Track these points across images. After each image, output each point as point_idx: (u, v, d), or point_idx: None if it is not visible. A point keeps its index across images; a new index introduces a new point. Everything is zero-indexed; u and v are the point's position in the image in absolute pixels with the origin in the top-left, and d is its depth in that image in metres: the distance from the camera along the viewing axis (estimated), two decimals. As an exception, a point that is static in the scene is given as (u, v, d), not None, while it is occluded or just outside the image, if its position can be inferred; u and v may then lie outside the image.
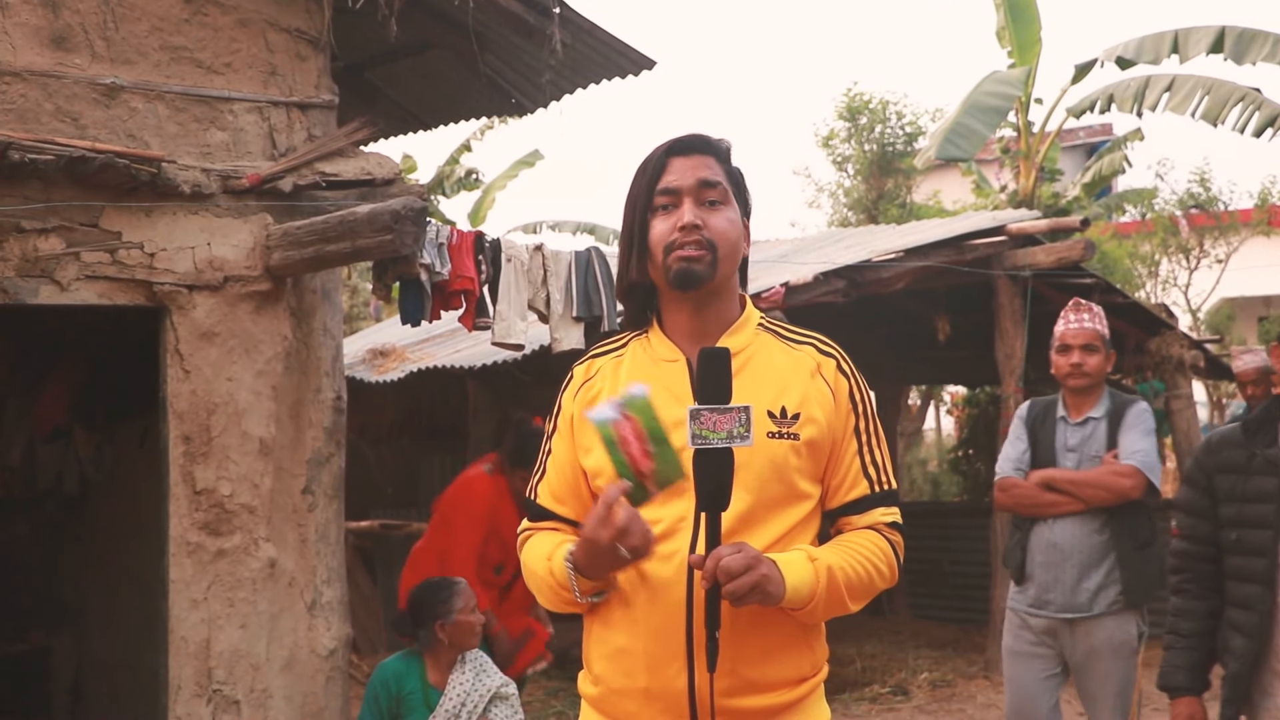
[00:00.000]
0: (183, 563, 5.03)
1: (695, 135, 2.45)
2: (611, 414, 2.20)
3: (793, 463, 2.33)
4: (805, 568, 2.27)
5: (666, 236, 2.36)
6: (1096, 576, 4.63)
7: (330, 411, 5.45)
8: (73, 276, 4.86)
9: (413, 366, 9.65)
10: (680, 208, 2.37)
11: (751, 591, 2.17)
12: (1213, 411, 16.50)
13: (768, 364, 2.40)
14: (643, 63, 6.34)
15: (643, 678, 2.31)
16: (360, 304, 18.87)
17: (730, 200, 2.42)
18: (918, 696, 8.08)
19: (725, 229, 2.38)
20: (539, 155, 20.87)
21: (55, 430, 7.27)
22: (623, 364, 2.46)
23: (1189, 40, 12.01)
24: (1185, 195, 17.81)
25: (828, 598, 2.30)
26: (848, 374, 2.44)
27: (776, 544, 2.30)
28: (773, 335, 2.46)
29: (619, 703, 2.36)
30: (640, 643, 2.31)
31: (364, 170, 5.41)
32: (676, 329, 2.43)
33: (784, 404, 2.34)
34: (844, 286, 7.86)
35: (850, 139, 18.12)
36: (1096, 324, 4.84)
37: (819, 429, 2.36)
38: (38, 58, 4.87)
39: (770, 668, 2.31)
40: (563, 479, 2.48)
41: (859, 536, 2.40)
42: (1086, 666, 4.67)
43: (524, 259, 6.25)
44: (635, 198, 2.43)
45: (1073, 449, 4.76)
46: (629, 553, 2.19)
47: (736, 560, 2.16)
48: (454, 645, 4.97)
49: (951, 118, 12.45)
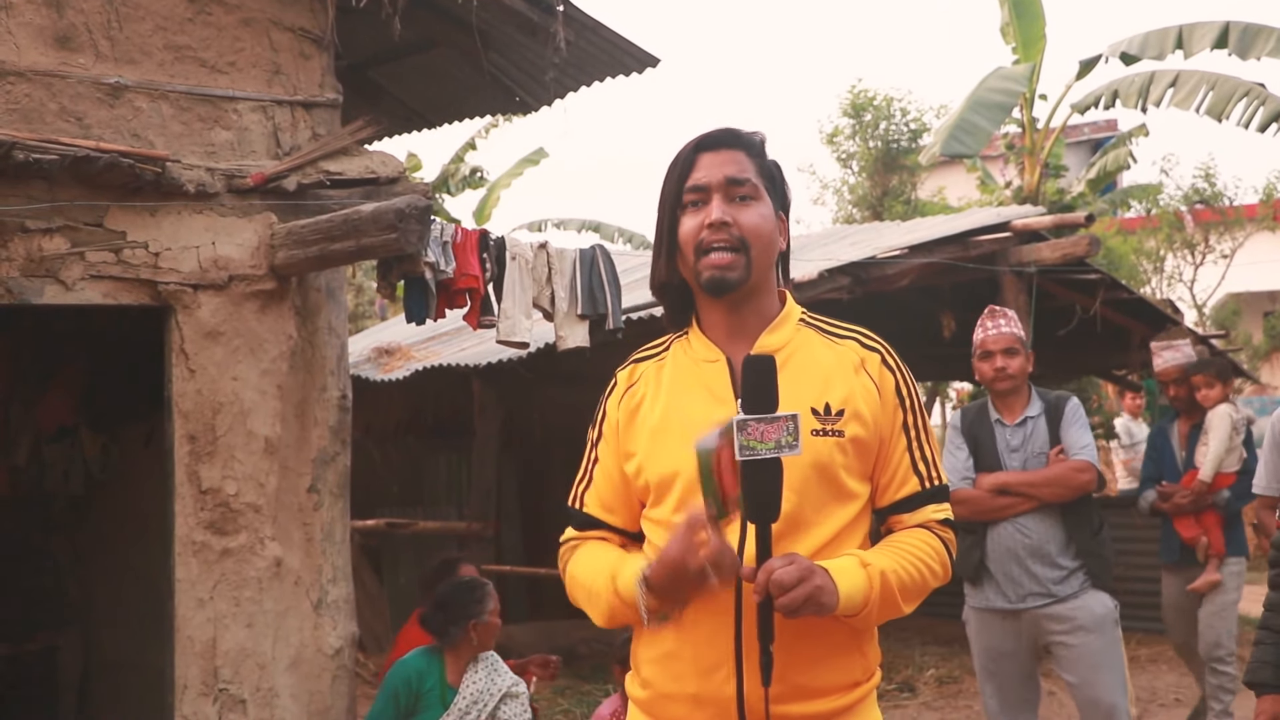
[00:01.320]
0: (189, 562, 5.03)
1: (725, 130, 2.40)
2: (715, 443, 2.14)
3: (839, 461, 2.28)
4: (858, 574, 2.22)
5: (695, 235, 2.31)
6: (1063, 566, 4.78)
7: (336, 410, 5.44)
8: (77, 276, 4.86)
9: (418, 365, 9.65)
10: (709, 205, 2.32)
11: (805, 604, 2.12)
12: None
13: (810, 360, 2.35)
14: (647, 60, 6.33)
15: (691, 683, 2.27)
16: (365, 303, 18.89)
17: (762, 195, 2.35)
18: (924, 693, 8.08)
19: (756, 224, 2.32)
20: (543, 153, 20.87)
21: (61, 430, 7.28)
22: (665, 367, 2.42)
23: (1193, 35, 12.00)
24: (1190, 191, 17.77)
25: (881, 602, 2.25)
26: (893, 368, 2.39)
27: (827, 545, 2.26)
28: (815, 330, 2.41)
29: (667, 707, 2.32)
30: (689, 648, 2.27)
31: (368, 169, 5.41)
32: (715, 328, 2.39)
33: (828, 401, 2.29)
34: (849, 283, 7.86)
35: (855, 136, 18.09)
36: (1014, 328, 4.98)
37: (865, 426, 2.30)
38: (42, 57, 4.87)
39: (822, 674, 2.28)
40: (612, 487, 2.43)
41: (911, 536, 2.35)
42: (1072, 646, 4.75)
43: (529, 257, 6.24)
44: (665, 195, 2.39)
45: (1015, 449, 4.91)
46: (718, 577, 2.13)
47: (789, 573, 2.11)
48: (481, 645, 5.00)
49: (956, 114, 12.45)
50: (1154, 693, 7.97)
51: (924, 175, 18.16)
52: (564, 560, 2.48)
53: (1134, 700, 4.96)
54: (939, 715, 7.61)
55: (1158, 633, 9.49)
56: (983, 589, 4.87)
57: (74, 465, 7.26)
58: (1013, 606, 4.80)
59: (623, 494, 2.42)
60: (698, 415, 2.27)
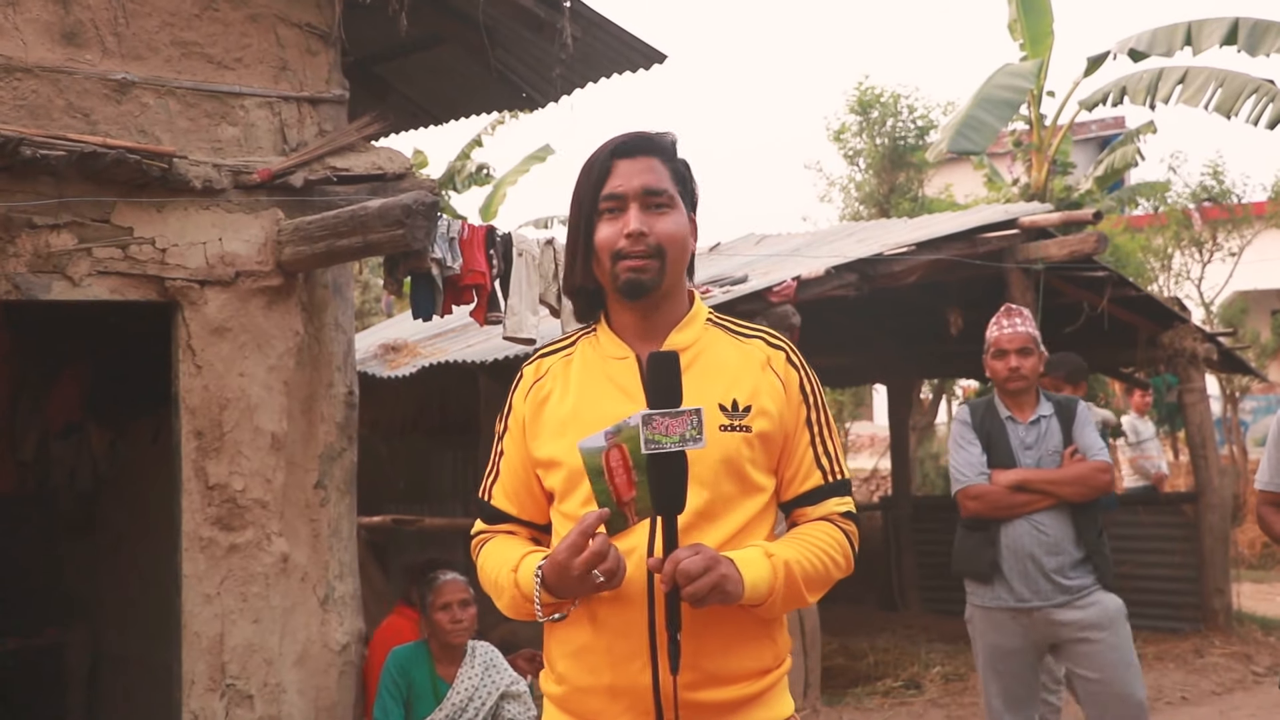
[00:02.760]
0: (196, 558, 5.04)
1: (638, 135, 2.44)
2: (603, 444, 2.23)
3: (746, 455, 2.34)
4: (763, 564, 2.28)
5: (613, 243, 2.35)
6: (1073, 564, 4.80)
7: (342, 406, 5.45)
8: (85, 272, 4.87)
9: (425, 361, 9.64)
10: (626, 213, 2.36)
11: (711, 592, 2.17)
12: (1225, 404, 16.43)
13: (718, 358, 2.40)
14: (653, 56, 6.33)
15: (607, 675, 2.31)
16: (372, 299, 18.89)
17: (676, 203, 2.40)
18: (930, 690, 8.07)
19: (673, 233, 2.37)
20: (550, 150, 20.86)
21: (69, 426, 7.29)
22: (573, 363, 2.47)
23: (1202, 32, 11.96)
24: (1198, 188, 17.71)
25: (786, 592, 2.31)
26: (797, 366, 2.45)
27: (734, 538, 2.31)
28: (722, 330, 2.47)
29: (584, 700, 2.36)
30: (603, 640, 2.31)
31: (375, 165, 5.41)
32: (625, 328, 2.43)
33: (735, 397, 2.35)
34: (856, 280, 7.85)
35: (862, 133, 18.06)
36: (1029, 327, 4.99)
37: (771, 421, 2.37)
38: (49, 54, 4.88)
39: (732, 661, 2.32)
40: (516, 479, 2.48)
41: (814, 528, 2.41)
42: (1087, 643, 4.75)
43: (535, 253, 6.24)
44: (580, 201, 2.42)
45: (1030, 447, 4.92)
46: (604, 579, 2.19)
47: (695, 563, 2.16)
48: (435, 638, 4.99)
49: (963, 111, 12.42)
50: (1160, 690, 7.96)
51: (931, 172, 18.12)
52: (474, 553, 2.53)
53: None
54: (945, 712, 7.60)
55: (1166, 630, 9.50)
56: (993, 587, 4.87)
57: (81, 461, 7.27)
58: (1025, 605, 4.80)
59: (528, 487, 2.47)
60: (607, 410, 2.31)
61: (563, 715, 2.41)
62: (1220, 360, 10.51)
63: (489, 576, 2.44)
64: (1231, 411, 16.62)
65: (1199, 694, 8.04)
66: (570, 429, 2.37)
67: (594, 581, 2.19)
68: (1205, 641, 9.23)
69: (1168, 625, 9.65)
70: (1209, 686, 8.20)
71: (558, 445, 2.38)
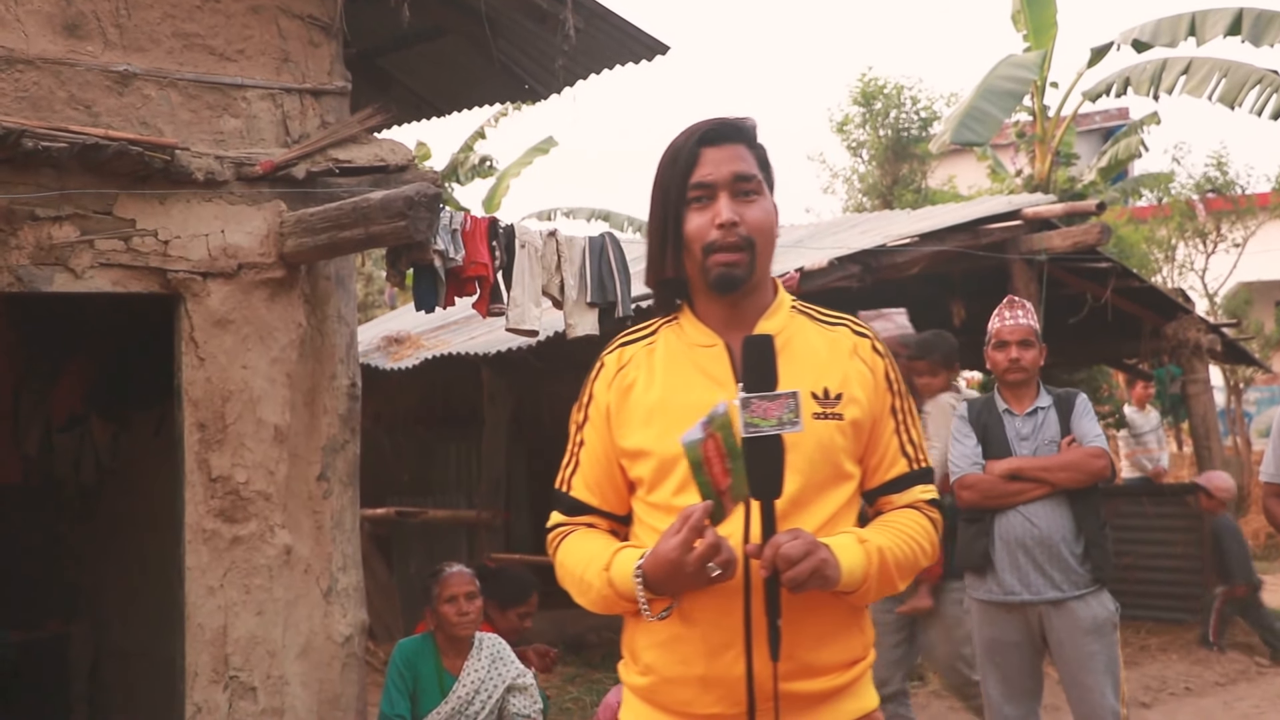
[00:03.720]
0: (199, 550, 5.04)
1: (725, 122, 2.40)
2: (700, 435, 2.17)
3: (839, 443, 2.32)
4: (857, 550, 2.27)
5: (704, 233, 2.33)
6: (1068, 559, 4.77)
7: (345, 399, 5.45)
8: (87, 264, 4.86)
9: (427, 353, 9.66)
10: (716, 202, 2.33)
11: (811, 577, 2.15)
12: (1229, 396, 16.42)
13: (806, 346, 2.38)
14: (656, 48, 6.32)
15: (699, 665, 2.28)
16: (375, 291, 18.89)
17: (764, 190, 2.38)
18: (934, 682, 8.07)
19: (762, 221, 2.35)
20: (553, 142, 20.85)
21: (71, 419, 7.29)
22: (655, 350, 2.43)
23: (1206, 22, 11.94)
24: (1202, 179, 17.70)
25: (879, 578, 2.30)
26: (882, 353, 2.44)
27: (825, 525, 2.29)
28: (807, 318, 2.44)
29: (672, 691, 2.32)
30: (697, 630, 2.27)
31: (377, 157, 5.40)
32: (711, 316, 2.41)
33: (826, 385, 2.33)
34: (859, 271, 7.85)
35: (865, 124, 18.06)
36: (1031, 320, 4.99)
37: (861, 408, 2.35)
38: (50, 45, 4.87)
39: (825, 651, 2.31)
40: (598, 469, 2.44)
41: (901, 516, 2.40)
42: (1070, 647, 4.77)
43: (538, 245, 6.24)
44: (667, 190, 2.38)
45: (1026, 438, 4.91)
46: (720, 571, 2.15)
47: (795, 547, 2.15)
48: (441, 632, 4.99)
49: (967, 102, 12.40)
50: (1164, 681, 7.96)
51: (934, 163, 18.13)
52: (553, 547, 2.48)
53: (1126, 701, 4.96)
54: (947, 704, 7.60)
55: (1170, 621, 9.49)
56: (986, 580, 4.87)
57: (84, 454, 7.28)
58: (1018, 599, 4.79)
59: (610, 477, 2.43)
60: (695, 399, 2.28)
61: (647, 707, 2.37)
62: (1224, 351, 10.51)
63: (573, 573, 2.39)
64: (1235, 403, 16.61)
65: (1203, 685, 8.04)
66: (658, 418, 2.34)
67: (709, 576, 2.15)
68: (1209, 632, 9.22)
69: (1171, 616, 9.65)
70: (1213, 677, 8.21)
71: (645, 434, 2.35)
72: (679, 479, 2.28)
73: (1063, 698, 5.04)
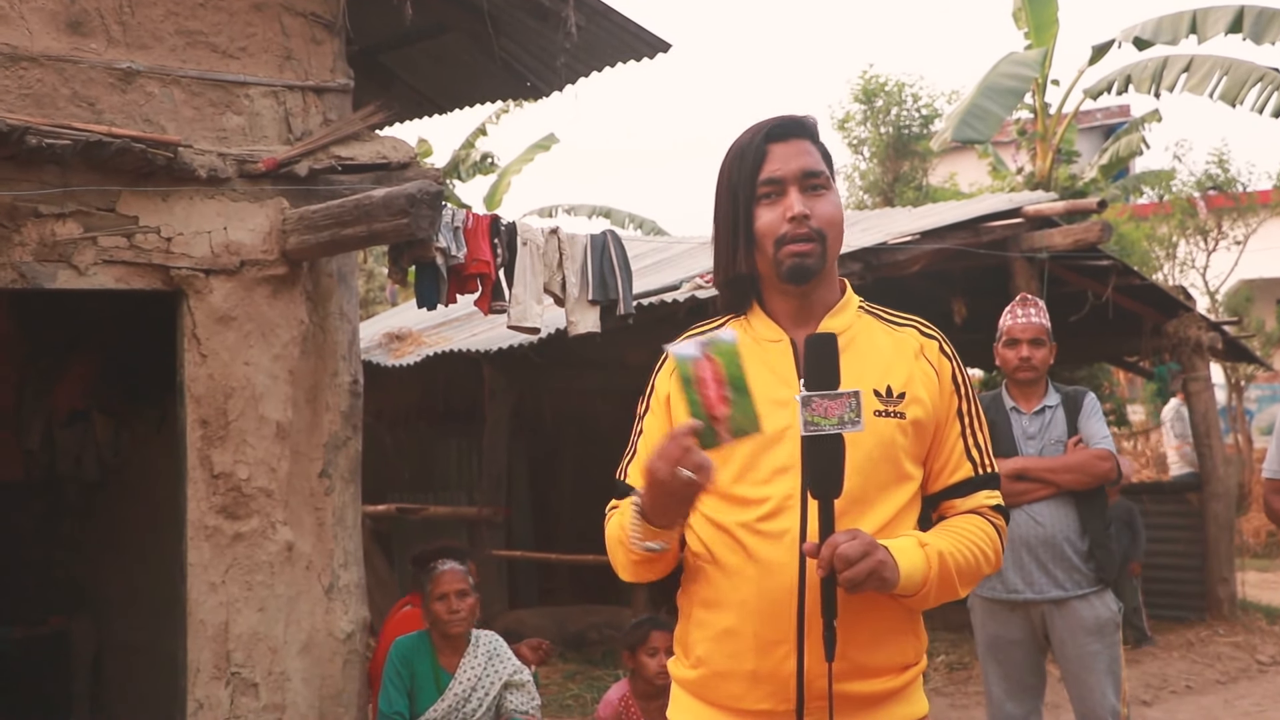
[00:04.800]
0: (201, 546, 5.05)
1: (790, 119, 2.42)
2: (694, 352, 2.15)
3: (900, 442, 2.31)
4: (917, 553, 2.25)
5: (776, 228, 2.34)
6: (1073, 558, 4.75)
7: (347, 395, 5.46)
8: (90, 261, 4.87)
9: (429, 350, 9.66)
10: (786, 197, 2.34)
11: (868, 578, 2.14)
12: (1230, 394, 16.41)
13: (871, 345, 2.38)
14: (658, 45, 6.32)
15: (750, 660, 2.28)
16: (376, 288, 18.90)
17: (831, 184, 2.40)
18: (934, 679, 8.08)
19: (833, 215, 2.37)
20: (554, 139, 20.85)
21: (74, 415, 7.31)
22: None
23: (1207, 20, 11.93)
24: (1203, 176, 17.68)
25: (939, 583, 2.28)
26: (950, 356, 2.43)
27: (886, 526, 2.28)
28: (874, 317, 2.45)
29: (722, 685, 2.32)
30: (750, 624, 2.27)
31: (379, 154, 5.41)
32: (779, 313, 2.41)
33: (889, 383, 2.33)
34: (859, 269, 7.84)
35: (866, 122, 18.04)
36: (1042, 318, 4.96)
37: (924, 409, 2.34)
38: (54, 43, 4.88)
39: (879, 653, 2.30)
40: None
41: (965, 521, 2.38)
42: (1071, 646, 4.77)
43: (540, 242, 6.25)
44: (736, 187, 2.39)
45: (1032, 437, 4.89)
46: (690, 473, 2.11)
47: (853, 547, 2.14)
48: (436, 629, 4.98)
49: (968, 100, 12.40)
50: (1165, 679, 7.97)
51: (935, 161, 18.10)
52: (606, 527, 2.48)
53: (1127, 700, 4.96)
54: (949, 701, 7.62)
55: (1170, 619, 9.50)
56: (989, 578, 4.86)
57: (86, 450, 7.29)
58: (1020, 597, 4.79)
59: None
60: (760, 393, 2.24)
61: (694, 701, 2.37)
62: (1225, 349, 10.51)
63: (610, 544, 2.41)
64: (1236, 400, 16.60)
65: (1203, 683, 8.05)
66: None
67: (682, 480, 2.13)
68: (1210, 630, 9.24)
69: (1172, 614, 9.66)
70: (1213, 675, 8.22)
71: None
72: (738, 467, 2.28)
73: (1064, 695, 5.05)
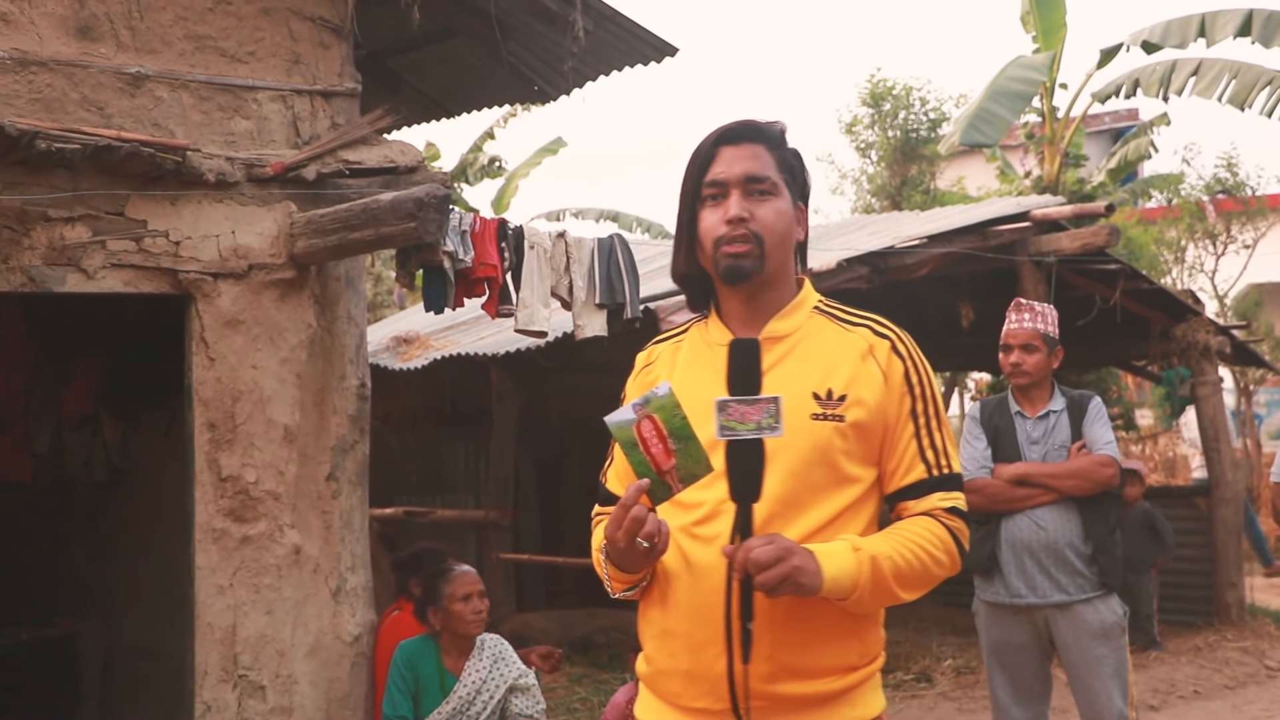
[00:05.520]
0: (208, 549, 5.06)
1: (745, 123, 2.43)
2: (630, 415, 2.19)
3: (838, 445, 2.31)
4: (847, 558, 2.24)
5: (715, 229, 2.36)
6: (1075, 563, 4.73)
7: (354, 399, 5.46)
8: (99, 265, 4.89)
9: (436, 354, 9.68)
10: (728, 199, 2.36)
11: (782, 583, 2.16)
12: (1239, 398, 16.38)
13: (818, 346, 2.38)
14: (665, 49, 6.33)
15: (685, 660, 2.32)
16: (384, 292, 18.93)
17: (779, 190, 2.40)
18: (941, 683, 8.07)
19: (772, 221, 2.37)
20: (562, 143, 20.89)
21: (82, 418, 7.32)
22: (682, 347, 2.48)
23: (1216, 23, 11.92)
24: (1212, 180, 17.65)
25: (874, 588, 2.26)
26: (903, 355, 2.41)
27: (824, 529, 2.29)
28: (828, 318, 2.44)
29: (665, 683, 2.38)
30: (683, 625, 2.31)
31: (387, 158, 5.42)
32: (731, 314, 2.44)
33: (830, 386, 2.33)
34: (867, 273, 7.84)
35: (874, 125, 18.04)
36: (1037, 323, 4.91)
37: (867, 411, 2.33)
38: (64, 47, 4.89)
39: (814, 656, 2.30)
40: (624, 462, 2.45)
41: (914, 523, 2.37)
42: (1077, 650, 4.75)
43: (547, 246, 6.25)
44: (685, 188, 2.43)
45: (1036, 442, 4.87)
46: (648, 544, 2.19)
47: (766, 552, 2.15)
48: (448, 631, 4.97)
49: (976, 103, 12.39)
50: (1172, 684, 7.96)
51: (943, 165, 18.10)
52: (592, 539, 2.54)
53: (1135, 704, 4.93)
54: (956, 705, 7.61)
55: (1177, 624, 9.48)
56: (993, 582, 4.84)
57: (95, 453, 7.30)
58: (1024, 602, 4.78)
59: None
60: (700, 395, 2.30)
61: (649, 695, 2.43)
62: (1234, 353, 10.49)
63: (595, 559, 2.46)
64: (1245, 405, 16.57)
65: (1211, 688, 8.04)
66: None
67: (641, 549, 2.20)
68: (1218, 635, 9.22)
69: (1180, 619, 9.64)
70: (1221, 680, 8.20)
71: None
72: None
73: (1070, 700, 5.04)
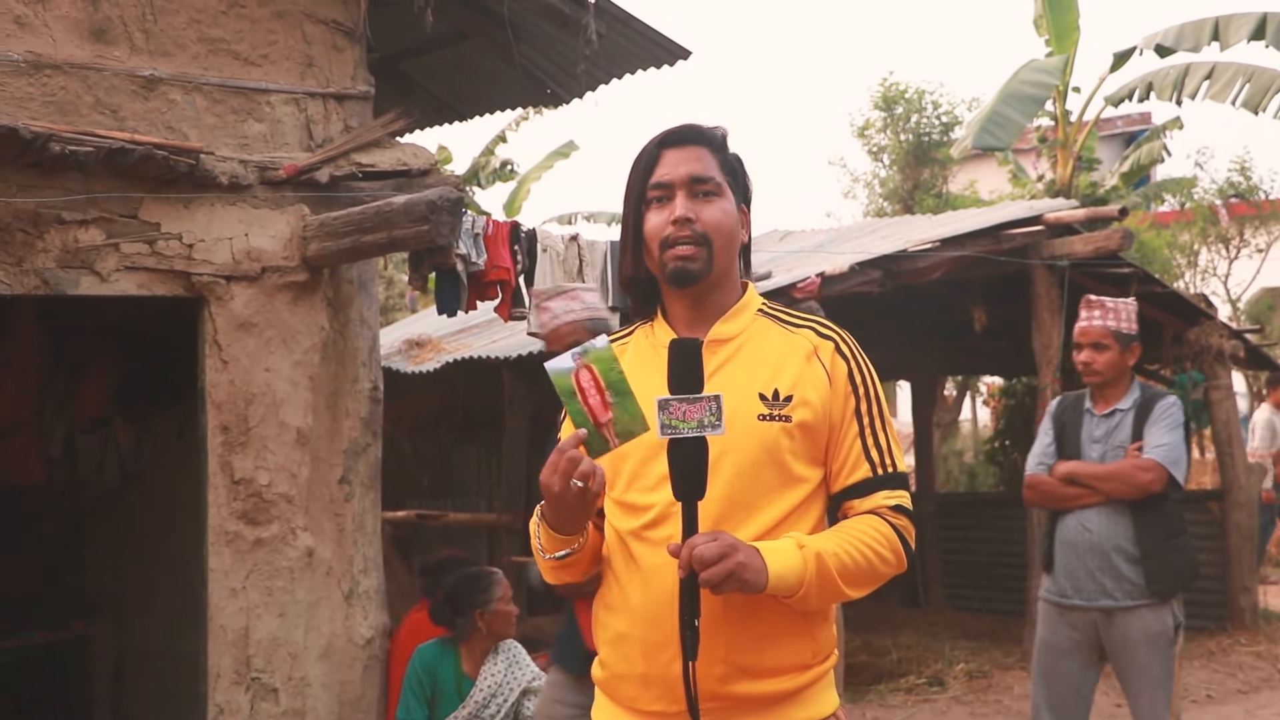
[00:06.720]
0: (221, 552, 5.07)
1: (687, 126, 2.46)
2: (569, 364, 2.22)
3: (785, 445, 2.32)
4: (792, 555, 2.25)
5: (661, 231, 2.37)
6: (1122, 568, 4.66)
7: (367, 402, 5.47)
8: (112, 267, 4.90)
9: (449, 357, 9.67)
10: (673, 201, 2.38)
11: (727, 580, 2.16)
12: (1252, 402, 16.32)
13: (763, 348, 2.40)
14: (678, 52, 6.33)
15: (640, 663, 2.32)
16: (396, 295, 18.95)
17: (724, 191, 2.42)
18: (954, 687, 8.05)
19: (719, 221, 2.38)
20: (574, 146, 20.90)
21: (95, 421, 7.33)
22: (627, 350, 2.48)
23: (1230, 27, 11.88)
24: (1225, 184, 17.63)
25: (820, 585, 2.27)
26: (847, 356, 2.43)
27: (772, 529, 2.30)
28: (771, 320, 2.46)
29: (620, 687, 2.38)
30: (637, 629, 2.32)
31: (400, 161, 5.43)
32: (677, 317, 2.45)
33: (776, 387, 2.34)
34: (880, 276, 7.83)
35: (886, 129, 18.05)
36: (1107, 321, 4.82)
37: (813, 411, 2.35)
38: (78, 50, 4.91)
39: (766, 655, 2.31)
40: None
41: (859, 521, 2.38)
42: (1123, 657, 4.71)
43: (559, 249, 6.26)
44: (630, 191, 2.45)
45: (1097, 440, 4.80)
46: (581, 483, 2.20)
47: (710, 549, 2.16)
48: (492, 634, 4.99)
49: (988, 107, 12.38)
50: (1186, 689, 7.91)
51: (955, 168, 18.09)
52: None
53: (1177, 714, 4.87)
54: (968, 710, 7.59)
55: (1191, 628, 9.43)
56: (1049, 578, 4.82)
57: (108, 456, 7.31)
58: (1069, 602, 4.74)
59: None
60: (647, 395, 2.29)
61: (605, 699, 2.43)
62: (1247, 357, 10.45)
63: (534, 552, 2.46)
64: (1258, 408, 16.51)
65: (1225, 692, 8.00)
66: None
67: (575, 490, 2.20)
68: (1231, 639, 9.18)
69: (1193, 623, 9.56)
70: (1235, 685, 8.16)
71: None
72: (629, 475, 2.35)
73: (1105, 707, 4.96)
